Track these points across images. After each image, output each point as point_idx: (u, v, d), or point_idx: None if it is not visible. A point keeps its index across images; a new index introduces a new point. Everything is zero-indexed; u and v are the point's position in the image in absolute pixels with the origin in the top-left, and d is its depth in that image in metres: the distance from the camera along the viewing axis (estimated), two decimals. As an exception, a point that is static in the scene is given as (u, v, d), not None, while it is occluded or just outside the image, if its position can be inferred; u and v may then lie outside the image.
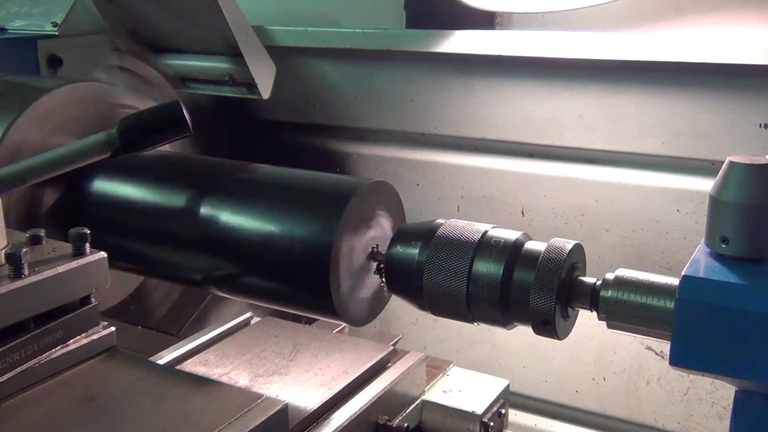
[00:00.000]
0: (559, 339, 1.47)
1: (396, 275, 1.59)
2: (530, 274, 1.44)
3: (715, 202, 1.21)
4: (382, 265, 1.61)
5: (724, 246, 1.20)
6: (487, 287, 1.47)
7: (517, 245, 1.49)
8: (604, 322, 1.39)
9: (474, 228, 1.54)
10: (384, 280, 1.62)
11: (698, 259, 1.22)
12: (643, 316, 1.33)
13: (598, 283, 1.41)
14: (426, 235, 1.55)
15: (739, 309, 1.12)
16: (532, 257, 1.46)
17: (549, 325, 1.44)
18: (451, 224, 1.56)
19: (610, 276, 1.38)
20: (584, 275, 1.48)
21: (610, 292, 1.36)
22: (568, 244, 1.45)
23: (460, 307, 1.52)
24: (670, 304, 1.29)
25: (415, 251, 1.55)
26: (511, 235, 1.51)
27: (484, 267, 1.48)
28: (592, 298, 1.41)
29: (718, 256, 1.21)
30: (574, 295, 1.44)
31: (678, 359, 1.20)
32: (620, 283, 1.36)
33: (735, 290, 1.14)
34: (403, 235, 1.61)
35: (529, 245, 1.50)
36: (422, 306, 1.58)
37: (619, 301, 1.35)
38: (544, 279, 1.42)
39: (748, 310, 1.12)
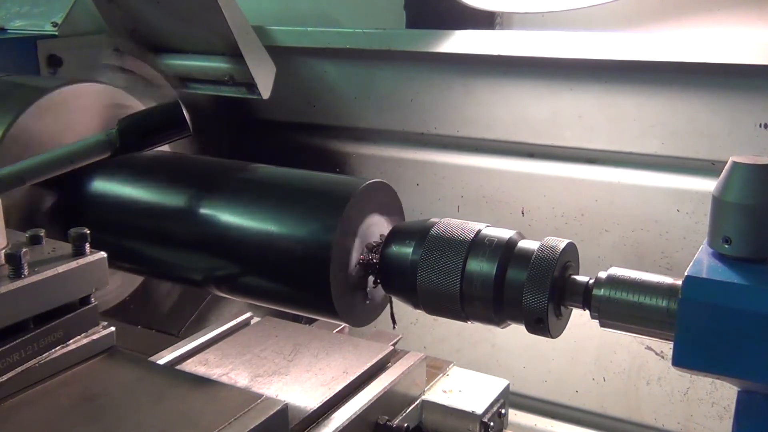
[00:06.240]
0: (552, 337, 1.48)
1: (390, 274, 1.59)
2: (523, 273, 1.44)
3: (718, 202, 1.21)
4: (376, 262, 1.61)
5: (726, 246, 1.20)
6: (480, 286, 1.47)
7: (511, 244, 1.49)
8: (600, 321, 1.39)
9: (467, 227, 1.54)
10: (378, 278, 1.61)
11: (701, 260, 1.22)
12: (635, 315, 1.34)
13: (591, 281, 1.42)
14: (420, 234, 1.55)
15: (742, 309, 1.12)
16: (525, 256, 1.46)
17: (542, 324, 1.44)
18: (444, 223, 1.56)
19: (602, 275, 1.39)
20: (577, 274, 1.48)
21: (602, 290, 1.37)
22: (561, 243, 1.46)
23: (454, 306, 1.52)
24: (663, 303, 1.29)
25: (409, 250, 1.55)
26: (504, 233, 1.51)
27: (478, 266, 1.48)
28: (585, 297, 1.42)
29: (720, 257, 1.22)
30: (567, 294, 1.44)
31: (681, 360, 1.20)
32: (613, 282, 1.36)
33: (738, 291, 1.14)
34: (397, 234, 1.61)
35: (523, 244, 1.50)
36: (416, 305, 1.58)
37: (611, 300, 1.36)
38: (537, 277, 1.43)
39: (751, 311, 1.12)
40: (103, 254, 1.37)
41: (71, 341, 1.33)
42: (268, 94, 2.19)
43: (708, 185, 1.24)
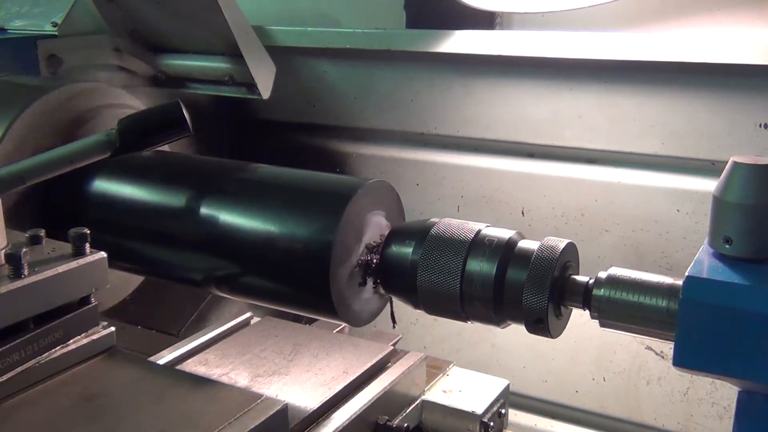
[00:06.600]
0: (552, 337, 1.47)
1: (390, 274, 1.59)
2: (523, 273, 1.44)
3: (719, 202, 1.21)
4: (376, 262, 1.61)
5: (727, 246, 1.20)
6: (480, 286, 1.47)
7: (511, 244, 1.49)
8: (600, 321, 1.39)
9: (467, 227, 1.54)
10: (378, 279, 1.61)
11: (702, 260, 1.22)
12: (635, 315, 1.34)
13: (591, 281, 1.41)
14: (420, 234, 1.55)
15: (742, 309, 1.13)
16: (525, 256, 1.46)
17: (542, 324, 1.44)
18: (444, 223, 1.56)
19: (602, 275, 1.39)
20: (577, 274, 1.48)
21: (602, 290, 1.37)
22: (561, 243, 1.46)
23: (454, 306, 1.52)
24: (663, 303, 1.29)
25: (409, 250, 1.55)
26: (504, 233, 1.51)
27: (478, 266, 1.48)
28: (585, 297, 1.41)
29: (721, 257, 1.22)
30: (567, 294, 1.44)
31: (681, 360, 1.20)
32: (613, 282, 1.36)
33: (739, 291, 1.14)
34: (397, 234, 1.61)
35: (522, 244, 1.50)
36: (416, 305, 1.58)
37: (611, 300, 1.36)
38: (537, 277, 1.42)
39: (751, 311, 1.12)
40: (103, 254, 1.37)
41: (71, 341, 1.33)
42: (268, 94, 2.19)
43: (708, 185, 1.24)
